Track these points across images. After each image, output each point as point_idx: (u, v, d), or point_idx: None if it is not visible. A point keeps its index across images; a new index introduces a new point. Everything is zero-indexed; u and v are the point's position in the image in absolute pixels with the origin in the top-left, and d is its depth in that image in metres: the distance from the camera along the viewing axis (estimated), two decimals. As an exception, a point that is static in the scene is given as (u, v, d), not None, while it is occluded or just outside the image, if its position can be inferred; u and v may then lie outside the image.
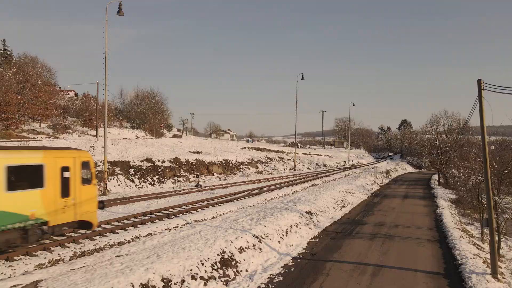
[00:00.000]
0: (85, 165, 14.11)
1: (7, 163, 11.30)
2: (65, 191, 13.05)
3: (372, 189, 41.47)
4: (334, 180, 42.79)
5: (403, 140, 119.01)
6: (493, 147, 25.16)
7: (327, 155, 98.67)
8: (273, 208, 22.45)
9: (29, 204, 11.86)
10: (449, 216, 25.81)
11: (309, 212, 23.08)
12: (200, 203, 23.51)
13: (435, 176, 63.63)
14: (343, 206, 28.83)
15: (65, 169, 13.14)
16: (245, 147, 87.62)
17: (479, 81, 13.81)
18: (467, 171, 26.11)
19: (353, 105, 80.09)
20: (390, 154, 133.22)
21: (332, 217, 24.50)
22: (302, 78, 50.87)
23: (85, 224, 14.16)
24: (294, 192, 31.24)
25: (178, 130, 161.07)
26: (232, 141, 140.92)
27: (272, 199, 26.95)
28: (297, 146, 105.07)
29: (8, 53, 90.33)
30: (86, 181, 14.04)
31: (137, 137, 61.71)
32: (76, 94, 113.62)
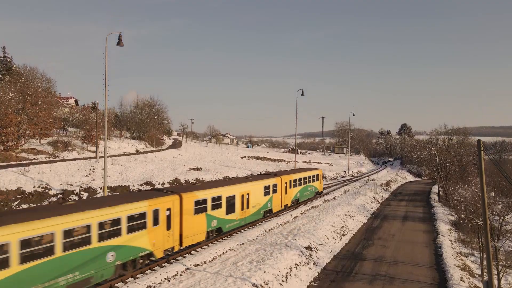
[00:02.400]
0: (321, 175, 43.56)
1: (305, 175, 38.15)
2: (320, 182, 42.93)
3: (372, 208, 41.46)
4: (334, 199, 42.74)
5: (403, 146, 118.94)
6: (493, 193, 25.04)
7: (327, 163, 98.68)
8: (273, 244, 22.46)
9: (315, 187, 41.58)
10: (449, 247, 25.80)
11: (308, 248, 23.07)
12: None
13: (435, 188, 63.66)
14: (343, 234, 28.81)
15: (320, 176, 43.19)
16: (245, 156, 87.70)
17: (478, 141, 13.81)
18: (467, 215, 26.09)
19: (353, 115, 79.95)
20: (390, 159, 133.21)
21: (332, 251, 24.51)
22: (302, 94, 50.69)
23: (320, 193, 43.61)
24: (294, 218, 31.19)
25: (178, 134, 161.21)
26: (232, 146, 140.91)
27: (272, 229, 26.90)
28: (297, 152, 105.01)
29: (8, 60, 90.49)
30: (322, 179, 45.91)
31: (137, 151, 61.68)
32: (76, 101, 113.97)
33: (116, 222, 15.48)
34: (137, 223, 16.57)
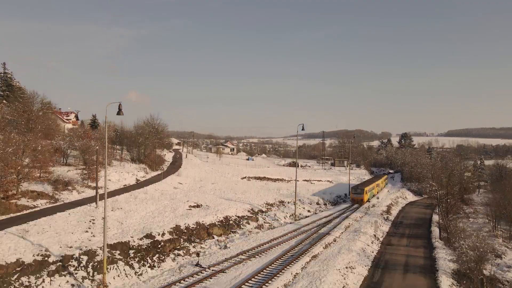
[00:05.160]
0: (386, 179, 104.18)
1: (382, 180, 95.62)
2: (384, 185, 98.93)
3: (372, 252, 41.38)
4: (335, 241, 42.69)
5: (404, 161, 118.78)
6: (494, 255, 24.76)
7: (328, 181, 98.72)
8: (273, 327, 22.38)
9: (379, 187, 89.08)
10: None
11: (309, 328, 23.00)
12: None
13: (435, 216, 63.67)
14: (344, 299, 28.73)
15: (385, 180, 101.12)
16: (245, 177, 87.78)
17: (480, 280, 13.66)
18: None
19: (354, 137, 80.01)
20: (391, 171, 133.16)
21: (332, 327, 24.42)
22: (303, 129, 50.76)
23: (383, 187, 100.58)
24: (295, 277, 31.15)
25: (178, 143, 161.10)
26: (232, 158, 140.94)
27: (272, 295, 26.88)
28: (298, 166, 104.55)
29: (9, 76, 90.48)
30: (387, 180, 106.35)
31: (137, 180, 61.66)
32: (76, 116, 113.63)
33: (376, 184, 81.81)
34: (378, 186, 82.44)
